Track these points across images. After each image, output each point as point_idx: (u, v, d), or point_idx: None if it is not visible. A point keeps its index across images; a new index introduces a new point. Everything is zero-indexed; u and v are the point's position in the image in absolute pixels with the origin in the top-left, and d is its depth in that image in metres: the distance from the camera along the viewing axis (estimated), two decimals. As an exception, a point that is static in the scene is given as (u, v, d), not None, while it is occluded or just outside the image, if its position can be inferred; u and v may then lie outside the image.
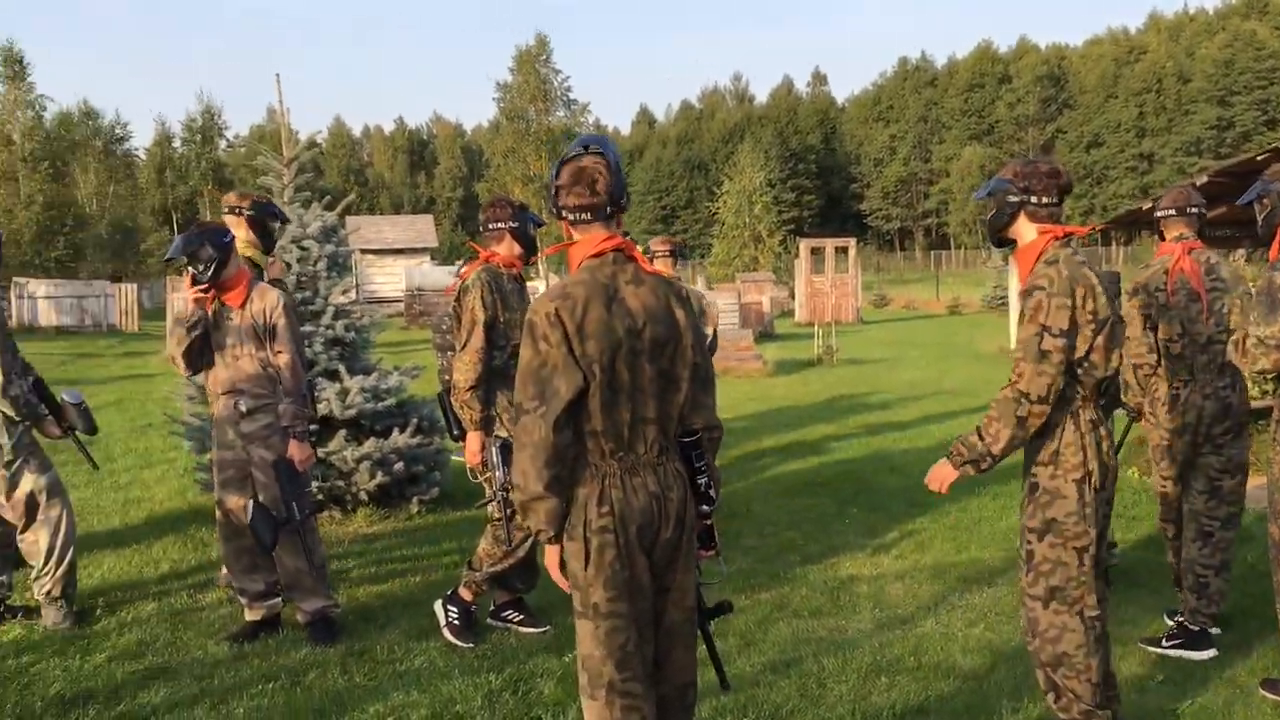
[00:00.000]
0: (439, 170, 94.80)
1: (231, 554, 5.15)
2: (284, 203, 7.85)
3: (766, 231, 48.66)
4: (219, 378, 5.07)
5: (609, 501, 2.87)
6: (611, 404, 2.86)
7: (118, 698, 4.36)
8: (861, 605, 5.42)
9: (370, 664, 4.71)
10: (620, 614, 2.89)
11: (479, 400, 4.81)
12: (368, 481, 7.26)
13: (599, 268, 2.93)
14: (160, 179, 75.72)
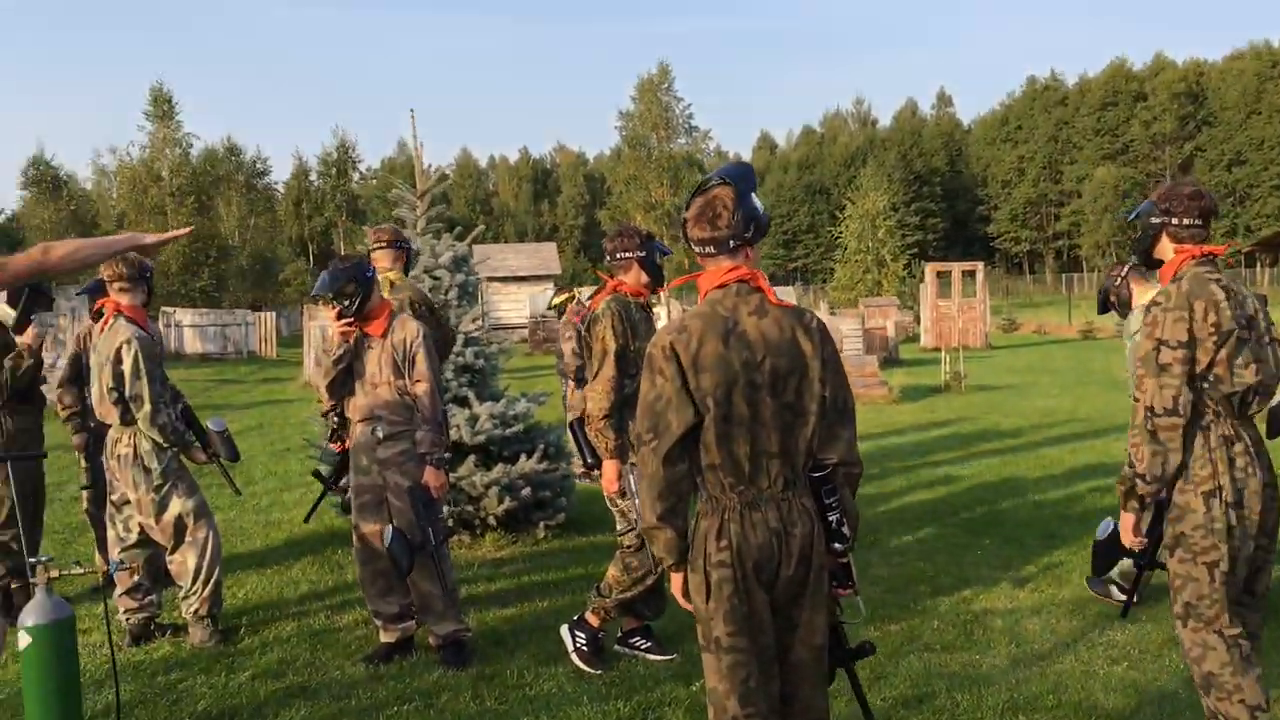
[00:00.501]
0: (562, 198, 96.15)
1: (368, 577, 5.28)
2: (416, 233, 8.07)
3: (890, 256, 48.02)
4: (358, 405, 5.23)
5: (727, 536, 2.86)
6: (728, 438, 2.85)
7: (261, 715, 4.51)
8: (996, 640, 5.27)
9: (500, 688, 4.78)
10: (740, 649, 2.87)
11: (612, 428, 4.84)
12: (496, 506, 7.38)
13: (721, 299, 2.93)
14: (297, 211, 78.53)
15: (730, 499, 2.87)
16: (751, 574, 2.86)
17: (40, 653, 3.19)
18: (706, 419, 2.84)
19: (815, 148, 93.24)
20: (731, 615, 2.86)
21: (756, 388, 2.86)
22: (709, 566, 2.87)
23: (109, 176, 64.11)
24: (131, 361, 5.31)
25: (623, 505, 4.96)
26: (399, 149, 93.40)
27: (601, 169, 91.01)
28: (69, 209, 58.92)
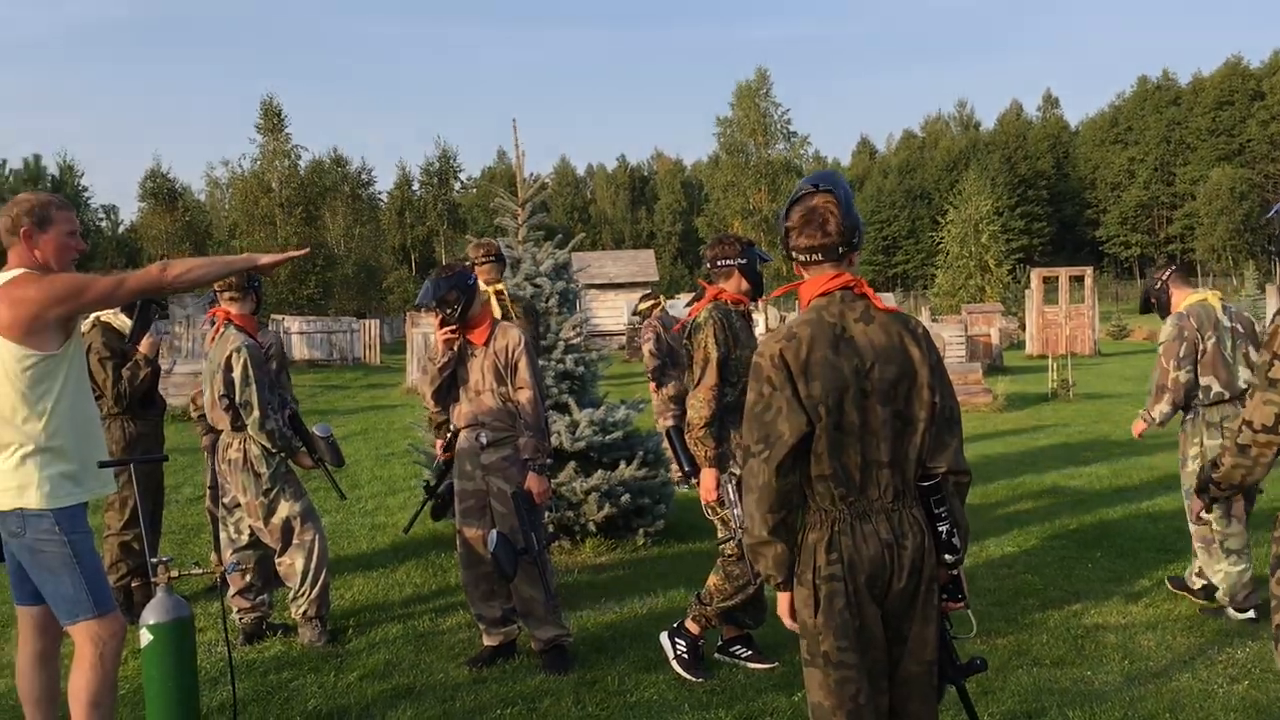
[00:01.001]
0: (659, 205, 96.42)
1: (471, 581, 5.34)
2: (518, 241, 8.17)
3: (994, 261, 47.05)
4: (462, 412, 5.30)
5: (838, 548, 2.80)
6: (839, 447, 2.80)
7: (369, 715, 4.59)
8: (1109, 656, 5.12)
9: (602, 694, 4.79)
10: (850, 664, 2.80)
11: (712, 437, 4.83)
12: (596, 513, 7.42)
13: (827, 306, 2.88)
14: (400, 220, 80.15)
15: (840, 510, 2.82)
16: (864, 587, 2.80)
17: (160, 650, 3.30)
18: (818, 428, 2.78)
19: (916, 152, 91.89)
20: (842, 630, 2.80)
21: (866, 395, 2.81)
22: (818, 580, 2.81)
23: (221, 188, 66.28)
24: (241, 369, 5.47)
25: (722, 514, 4.94)
26: (499, 158, 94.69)
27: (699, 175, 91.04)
28: (184, 219, 60.96)
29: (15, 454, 3.50)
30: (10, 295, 3.49)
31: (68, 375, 3.59)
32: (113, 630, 3.58)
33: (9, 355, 3.48)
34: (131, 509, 6.25)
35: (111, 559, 6.18)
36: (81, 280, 3.54)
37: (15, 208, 3.64)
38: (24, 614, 3.78)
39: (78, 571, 3.50)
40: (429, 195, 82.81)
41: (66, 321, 3.57)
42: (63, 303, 3.50)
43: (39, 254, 3.62)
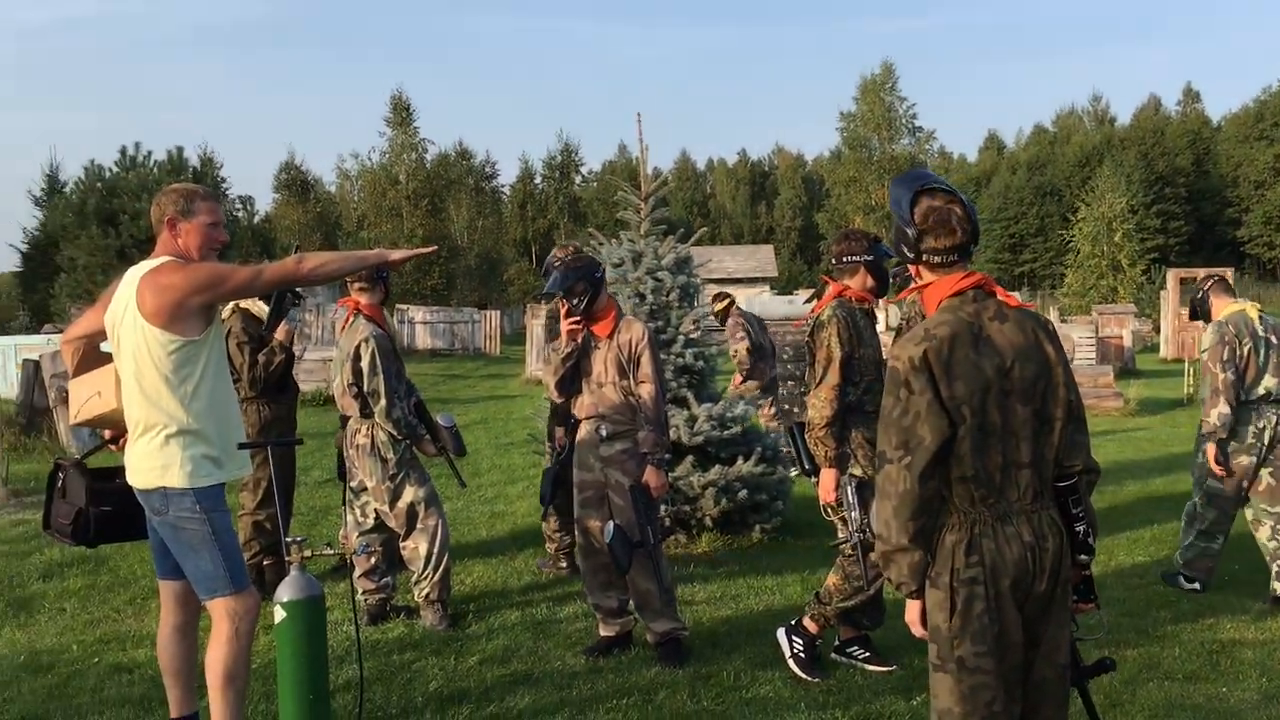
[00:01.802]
0: (779, 200, 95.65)
1: (589, 570, 5.40)
2: (640, 235, 8.21)
3: (1127, 260, 45.45)
4: (584, 403, 5.35)
5: (979, 551, 2.73)
6: (982, 448, 2.74)
7: (488, 699, 4.68)
8: (1246, 673, 4.91)
9: (717, 689, 4.79)
10: (987, 670, 2.74)
11: (834, 437, 4.78)
12: (713, 508, 7.42)
13: (960, 306, 2.82)
14: (522, 213, 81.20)
15: (980, 512, 2.75)
16: (1007, 592, 2.73)
17: (293, 627, 3.42)
18: (961, 429, 2.72)
19: (1047, 147, 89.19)
20: (981, 635, 2.73)
21: (1007, 394, 2.76)
22: (955, 583, 2.74)
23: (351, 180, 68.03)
24: (369, 358, 5.62)
25: (841, 514, 4.88)
26: (619, 151, 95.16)
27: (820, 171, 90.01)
28: (315, 210, 62.88)
29: (159, 434, 3.66)
30: (155, 282, 3.64)
31: (209, 360, 3.74)
32: (248, 606, 3.72)
33: (154, 340, 3.63)
34: (265, 489, 6.48)
35: (245, 537, 6.42)
36: (222, 270, 3.68)
37: (164, 197, 3.80)
38: (166, 587, 3.96)
39: (216, 549, 3.65)
40: (550, 188, 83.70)
41: (207, 309, 3.71)
42: (203, 291, 3.63)
43: (181, 242, 3.77)
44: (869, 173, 61.97)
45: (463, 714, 4.51)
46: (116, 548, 7.41)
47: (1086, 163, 78.45)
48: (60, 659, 5.34)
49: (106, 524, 3.97)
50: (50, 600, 6.44)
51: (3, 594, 6.58)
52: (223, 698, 3.68)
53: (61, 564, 7.21)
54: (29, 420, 13.30)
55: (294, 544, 3.53)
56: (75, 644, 5.58)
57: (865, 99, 64.14)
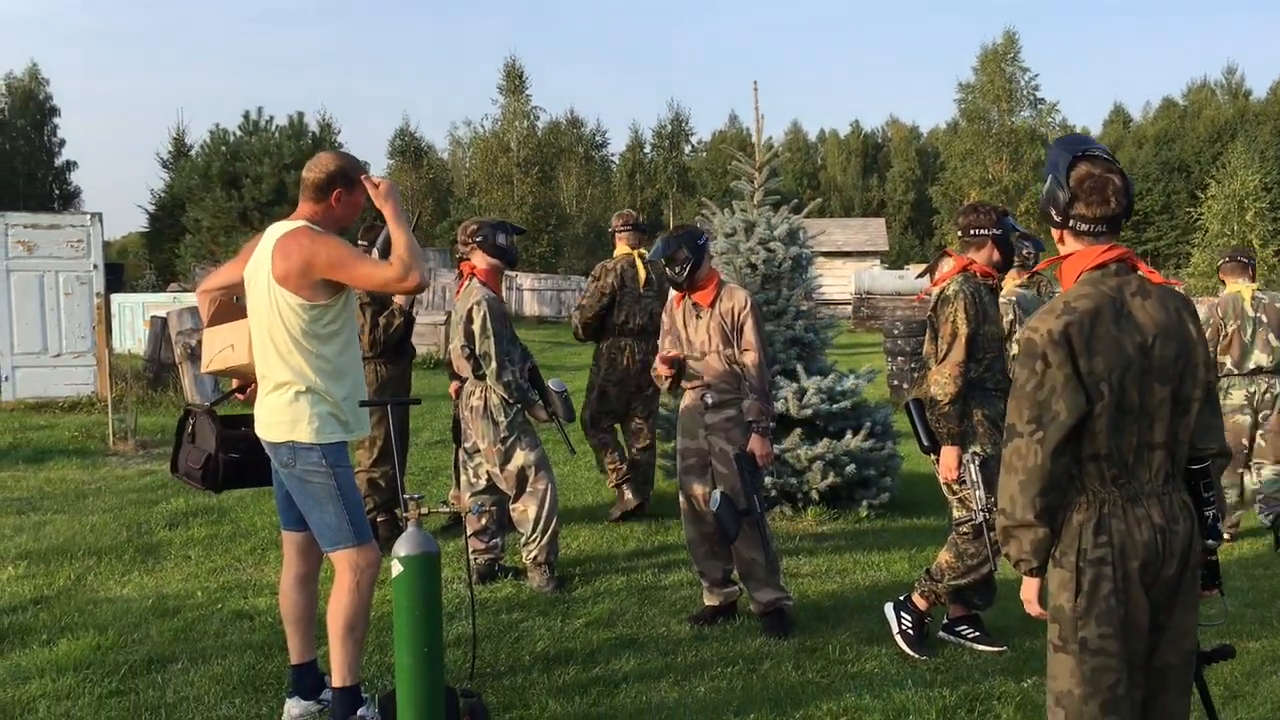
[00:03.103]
0: (891, 173, 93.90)
1: (695, 538, 5.40)
2: (753, 205, 8.15)
3: (1259, 241, 43.62)
4: (691, 372, 5.35)
5: (1108, 531, 2.67)
6: (1118, 427, 2.67)
7: (593, 661, 4.74)
8: (1379, 671, 4.71)
9: (822, 661, 4.78)
10: (1111, 652, 2.68)
11: (957, 414, 4.70)
12: (819, 481, 7.37)
13: (1102, 280, 2.74)
14: (630, 183, 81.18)
15: (1111, 493, 2.69)
16: (1135, 574, 2.67)
17: (410, 581, 3.50)
18: (1098, 406, 2.66)
19: (1176, 121, 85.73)
20: (1107, 617, 2.67)
21: (1146, 374, 2.68)
22: (1082, 562, 2.68)
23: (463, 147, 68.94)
24: (481, 321, 5.70)
25: (962, 493, 4.80)
26: (729, 121, 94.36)
27: (935, 143, 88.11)
28: (429, 177, 63.87)
29: (289, 391, 3.77)
30: (286, 246, 3.74)
31: (340, 323, 3.83)
32: (370, 559, 3.83)
33: (285, 301, 3.73)
34: (380, 448, 6.64)
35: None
36: (345, 257, 3.69)
37: (330, 165, 3.84)
38: (289, 539, 4.09)
39: (340, 503, 3.76)
40: (660, 158, 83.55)
41: (330, 282, 3.77)
42: (324, 269, 3.70)
43: (340, 212, 3.86)
44: (986, 146, 60.43)
45: (569, 674, 4.58)
46: (238, 500, 7.69)
47: (1218, 138, 75.24)
48: (186, 604, 5.57)
49: (234, 470, 4.12)
50: (176, 548, 6.72)
51: (132, 540, 6.88)
52: (342, 646, 3.80)
53: (186, 513, 7.51)
54: (156, 375, 13.85)
55: (412, 501, 3.61)
56: (199, 590, 5.81)
57: (985, 69, 62.44)
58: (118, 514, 7.57)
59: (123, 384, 12.95)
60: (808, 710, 4.21)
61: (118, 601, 5.62)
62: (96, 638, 4.99)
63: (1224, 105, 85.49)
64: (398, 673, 3.53)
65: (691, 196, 72.78)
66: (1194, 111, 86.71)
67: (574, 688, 4.43)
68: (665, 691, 4.41)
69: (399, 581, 3.50)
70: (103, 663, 4.68)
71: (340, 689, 3.84)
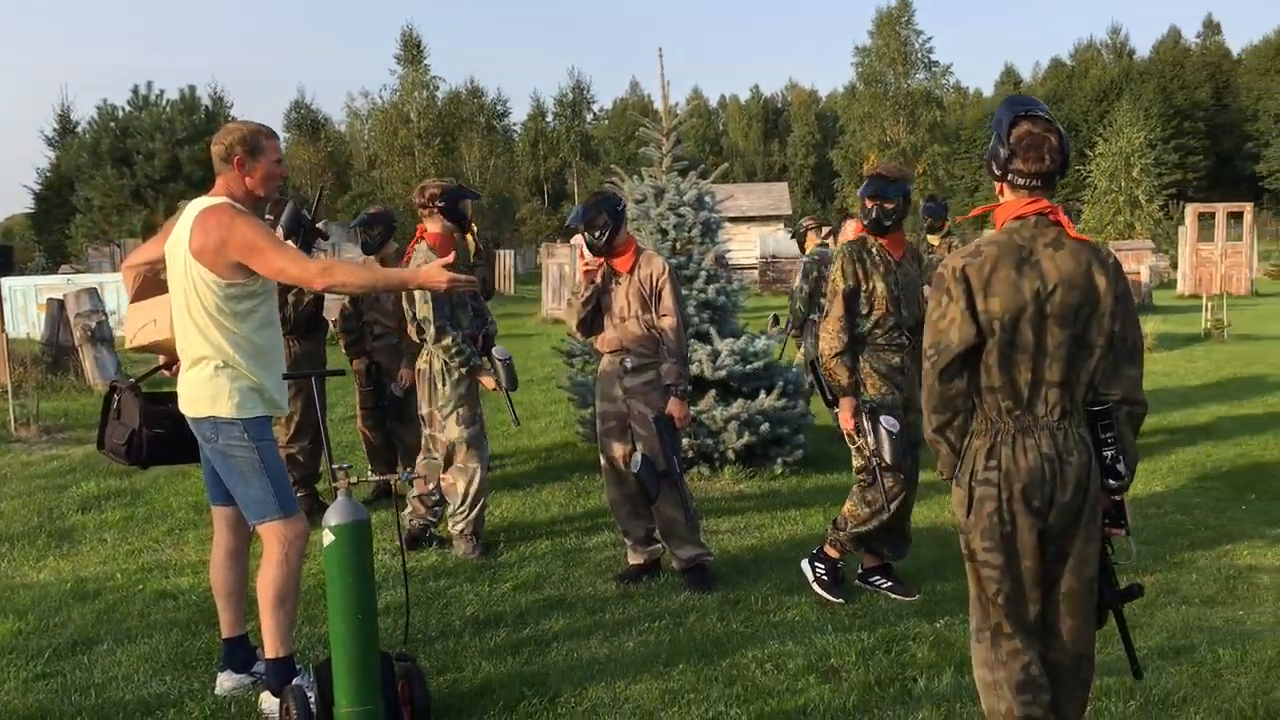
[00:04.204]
0: (792, 137, 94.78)
1: (617, 499, 5.51)
2: (662, 171, 8.24)
3: (1145, 196, 45.09)
4: (607, 338, 5.45)
5: (997, 457, 2.95)
6: (1010, 363, 2.92)
7: (523, 623, 4.83)
8: (1262, 597, 5.03)
9: (746, 612, 4.93)
10: (994, 564, 2.98)
11: (845, 367, 4.92)
12: (735, 441, 7.53)
13: (1019, 229, 2.97)
14: (534, 152, 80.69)
15: (1005, 423, 2.96)
16: (1019, 497, 2.93)
17: (341, 550, 3.52)
18: (990, 342, 2.92)
19: (1064, 81, 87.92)
20: (989, 533, 2.97)
21: (1045, 317, 2.91)
22: (974, 483, 2.99)
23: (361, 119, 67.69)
24: None
25: (859, 442, 4.99)
26: (631, 89, 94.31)
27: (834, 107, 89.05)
28: (326, 150, 62.64)
29: (208, 365, 3.76)
30: (204, 223, 3.70)
31: (256, 301, 3.81)
32: (298, 531, 3.85)
33: (202, 277, 3.71)
34: (296, 424, 6.62)
35: (278, 471, 6.56)
36: (259, 242, 3.65)
37: (229, 136, 3.83)
38: (218, 513, 4.09)
39: (265, 476, 3.77)
40: (562, 127, 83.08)
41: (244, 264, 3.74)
42: (235, 252, 3.66)
43: (249, 181, 3.82)
44: (884, 108, 61.33)
45: (500, 636, 4.66)
46: (151, 481, 7.59)
47: (1104, 97, 77.36)
48: (105, 586, 5.51)
49: (159, 446, 4.09)
50: (90, 531, 6.61)
51: (44, 526, 6.74)
52: (273, 618, 3.82)
53: (99, 497, 7.38)
54: (55, 358, 13.46)
55: (340, 470, 3.63)
56: (119, 572, 5.74)
57: (881, 33, 63.28)
58: (27, 500, 7.40)
59: (21, 369, 12.56)
60: (734, 658, 4.35)
61: (35, 587, 5.54)
62: (16, 623, 4.92)
63: (1109, 65, 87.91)
64: (332, 640, 3.56)
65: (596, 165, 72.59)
66: (1081, 71, 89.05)
67: (506, 649, 4.51)
68: (595, 648, 4.52)
69: (331, 550, 3.53)
70: (25, 647, 4.63)
71: (274, 660, 3.87)
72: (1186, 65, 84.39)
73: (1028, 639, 3.00)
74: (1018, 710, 2.97)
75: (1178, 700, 3.91)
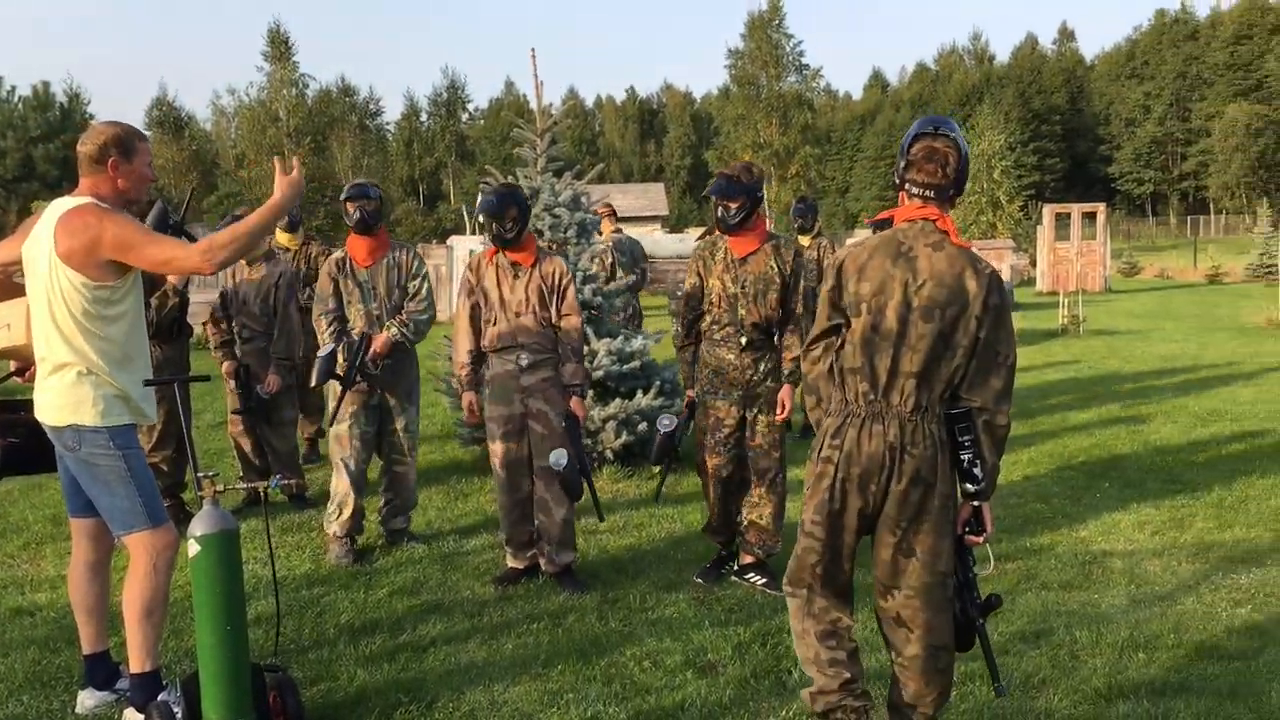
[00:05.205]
0: (668, 138, 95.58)
1: (508, 504, 5.42)
2: (536, 172, 8.22)
3: (1005, 197, 46.79)
4: (498, 334, 5.35)
5: (842, 437, 3.10)
6: (872, 347, 3.07)
7: (400, 628, 4.77)
8: (1115, 581, 5.27)
9: (624, 611, 4.96)
10: (817, 537, 3.19)
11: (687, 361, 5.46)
12: (613, 441, 7.56)
13: (906, 230, 3.14)
14: (408, 152, 79.63)
15: (859, 406, 3.10)
16: (855, 478, 3.08)
17: (208, 561, 3.42)
18: (856, 323, 3.09)
19: (929, 85, 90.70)
20: (820, 506, 3.16)
21: (911, 308, 3.04)
22: (818, 458, 3.17)
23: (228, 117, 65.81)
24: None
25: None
26: (506, 89, 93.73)
27: (709, 109, 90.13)
28: (191, 149, 60.73)
29: (71, 372, 3.61)
30: (70, 224, 3.55)
31: (126, 303, 3.68)
32: (166, 541, 3.73)
33: (69, 280, 3.56)
34: (160, 432, 6.41)
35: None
36: (134, 239, 3.53)
37: (101, 136, 3.67)
38: (77, 525, 3.92)
39: (132, 485, 3.64)
40: (437, 126, 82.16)
41: (117, 263, 3.62)
42: (110, 250, 3.53)
43: (121, 183, 3.68)
44: (757, 110, 62.23)
45: (376, 643, 4.59)
46: (5, 494, 7.26)
47: (967, 100, 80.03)
48: (-44, 606, 5.24)
49: (13, 455, 3.93)
50: (-62, 549, 6.28)
51: (-114, 544, 6.38)
52: (140, 631, 3.70)
53: (-53, 512, 7.02)
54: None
55: (206, 478, 3.53)
56: (-30, 591, 5.47)
57: (753, 36, 64.23)
58: None
59: None
60: (612, 657, 4.38)
61: (-124, 609, 5.23)
62: None
63: (971, 70, 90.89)
64: (200, 653, 3.46)
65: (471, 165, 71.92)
66: (945, 76, 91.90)
67: (382, 655, 4.45)
68: (473, 652, 4.49)
69: (198, 560, 3.43)
70: None
71: (139, 675, 3.74)
72: (1044, 71, 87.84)
73: (837, 599, 3.26)
74: (823, 655, 3.24)
75: (1037, 682, 4.07)
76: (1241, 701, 3.86)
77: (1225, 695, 3.93)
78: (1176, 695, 3.94)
